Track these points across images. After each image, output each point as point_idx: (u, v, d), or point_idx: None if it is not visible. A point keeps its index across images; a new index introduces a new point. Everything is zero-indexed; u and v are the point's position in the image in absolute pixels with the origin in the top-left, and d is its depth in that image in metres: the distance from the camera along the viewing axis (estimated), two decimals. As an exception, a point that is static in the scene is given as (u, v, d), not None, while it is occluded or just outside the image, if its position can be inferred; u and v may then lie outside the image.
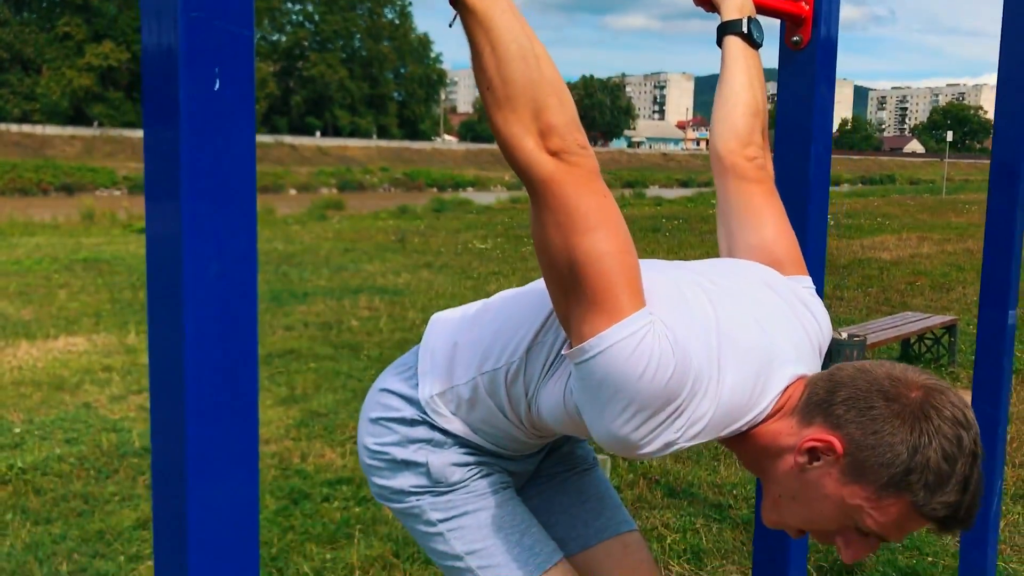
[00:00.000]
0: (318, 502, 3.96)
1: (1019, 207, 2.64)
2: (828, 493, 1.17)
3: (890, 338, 6.30)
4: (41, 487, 4.12)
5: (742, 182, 1.54)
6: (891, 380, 1.17)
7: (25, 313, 8.47)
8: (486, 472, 1.48)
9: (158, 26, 0.92)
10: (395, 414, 1.48)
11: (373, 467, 1.50)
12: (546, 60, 1.10)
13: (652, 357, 1.10)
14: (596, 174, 1.13)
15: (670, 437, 1.16)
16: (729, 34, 1.63)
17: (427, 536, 1.48)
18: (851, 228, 19.75)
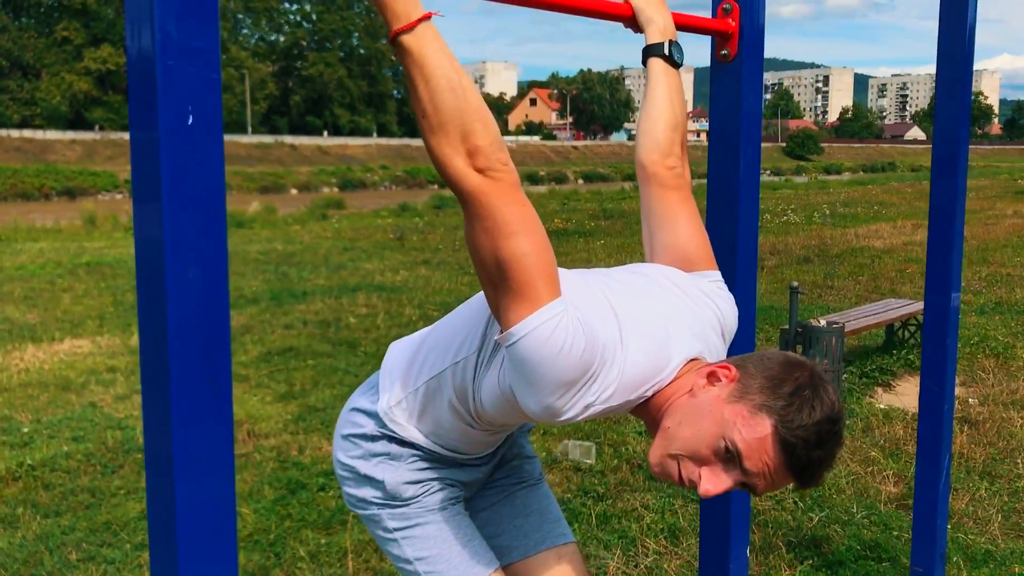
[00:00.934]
0: (314, 491, 4.15)
1: (958, 198, 2.82)
2: (713, 410, 1.39)
3: (871, 324, 6.47)
4: (50, 483, 4.31)
5: (662, 189, 1.74)
6: (785, 358, 1.43)
7: (31, 317, 8.67)
8: (437, 488, 1.70)
9: (140, 72, 1.10)
10: (359, 430, 1.70)
11: (343, 477, 1.74)
12: (472, 90, 1.29)
13: (567, 336, 1.31)
14: (517, 187, 1.33)
15: (587, 401, 1.37)
16: (652, 56, 1.80)
17: (385, 540, 1.72)
18: (846, 217, 19.89)
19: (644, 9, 1.80)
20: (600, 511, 3.90)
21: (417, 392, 1.64)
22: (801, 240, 14.97)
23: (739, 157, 1.93)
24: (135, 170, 1.15)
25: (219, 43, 1.13)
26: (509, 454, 1.87)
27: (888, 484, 4.22)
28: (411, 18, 1.27)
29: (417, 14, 1.27)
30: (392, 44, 1.27)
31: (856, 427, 5.08)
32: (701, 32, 1.93)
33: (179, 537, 1.17)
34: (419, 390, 1.64)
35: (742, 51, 1.91)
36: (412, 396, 1.65)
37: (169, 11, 1.07)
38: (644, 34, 1.80)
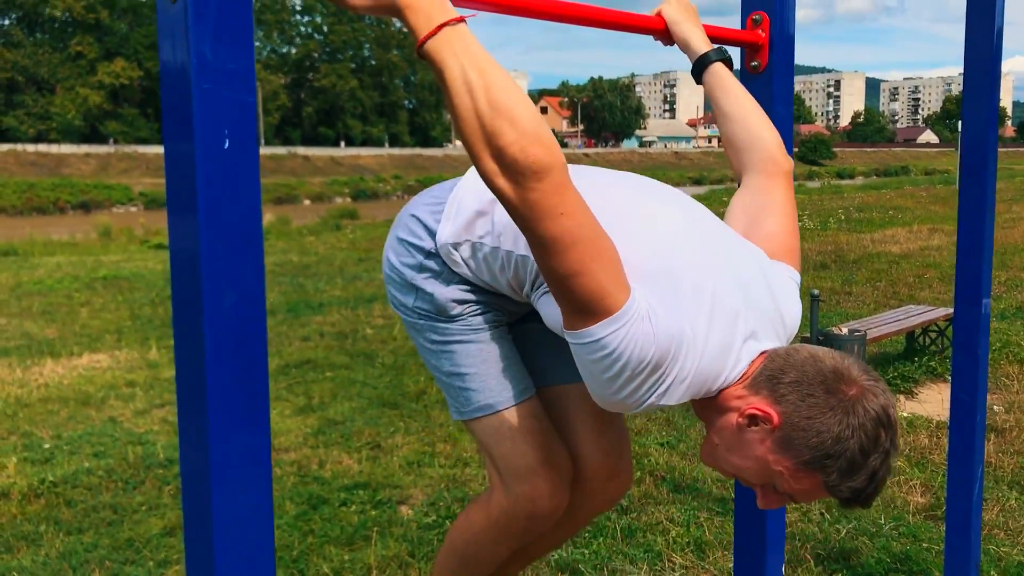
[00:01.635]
0: (336, 506, 4.13)
1: (987, 203, 2.78)
2: (758, 455, 1.35)
3: (892, 332, 6.42)
4: (72, 499, 4.30)
5: (787, 183, 1.75)
6: (835, 374, 1.34)
7: (49, 332, 8.69)
8: (483, 310, 1.68)
9: (176, 95, 1.09)
10: (417, 241, 1.68)
11: (391, 279, 1.73)
12: (497, 87, 1.20)
13: (637, 343, 1.28)
14: (556, 193, 1.21)
15: (654, 399, 1.35)
16: (712, 62, 1.80)
17: (425, 350, 1.72)
18: (861, 222, 19.79)
19: (681, 23, 1.79)
20: (625, 525, 3.87)
21: (479, 247, 1.61)
22: (817, 246, 14.89)
23: (771, 169, 1.90)
24: (171, 194, 1.13)
25: (254, 65, 1.11)
26: None
27: (915, 495, 4.17)
28: (433, 25, 1.22)
29: (440, 18, 1.22)
30: (419, 57, 1.24)
31: (880, 436, 5.02)
32: (732, 44, 1.92)
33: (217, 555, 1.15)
34: (483, 247, 1.60)
35: (772, 62, 1.89)
36: (470, 246, 1.62)
37: (204, 34, 1.06)
38: (688, 46, 1.78)
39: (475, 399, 1.68)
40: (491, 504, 1.73)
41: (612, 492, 1.83)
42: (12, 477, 4.55)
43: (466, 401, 1.70)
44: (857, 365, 1.37)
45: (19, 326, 9.00)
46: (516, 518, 1.70)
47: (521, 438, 1.66)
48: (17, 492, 4.35)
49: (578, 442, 1.76)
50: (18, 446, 5.10)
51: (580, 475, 1.76)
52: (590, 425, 1.77)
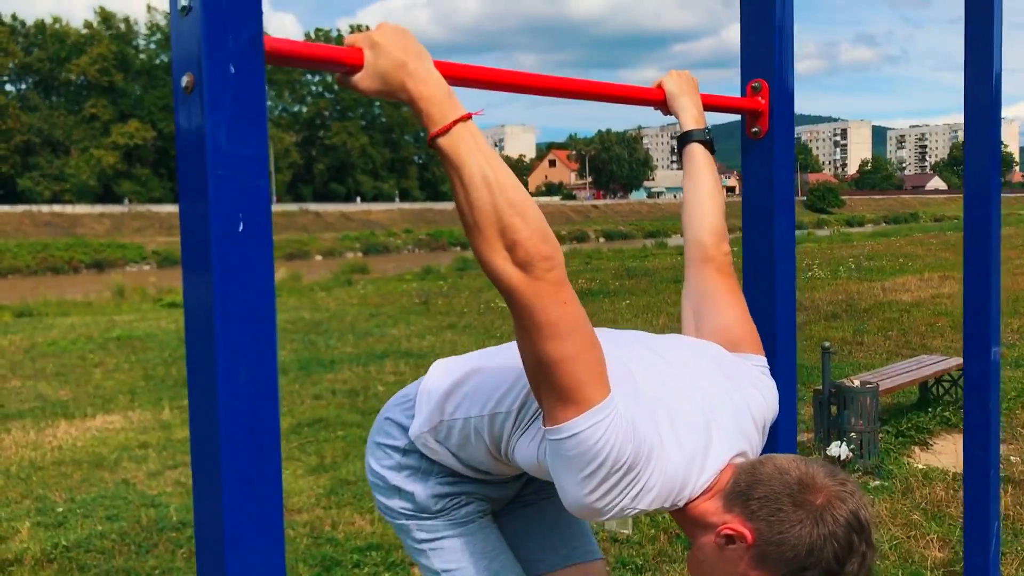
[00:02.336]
0: (349, 568, 4.11)
1: (993, 253, 2.81)
2: (739, 571, 1.38)
3: (904, 383, 6.39)
4: (85, 564, 4.30)
5: (718, 273, 1.77)
6: (800, 484, 1.37)
7: (63, 393, 8.73)
8: (465, 502, 1.72)
9: (193, 181, 1.12)
10: (392, 442, 1.73)
11: (376, 484, 1.77)
12: (511, 186, 1.27)
13: (615, 440, 1.31)
14: (560, 284, 1.28)
15: (625, 504, 1.36)
16: (692, 142, 1.85)
17: (414, 550, 1.75)
18: (872, 271, 19.79)
19: (679, 97, 1.85)
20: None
21: (452, 425, 1.65)
22: (828, 295, 14.89)
23: (774, 230, 1.94)
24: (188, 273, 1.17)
25: (267, 150, 1.15)
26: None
27: (933, 549, 4.13)
28: (447, 120, 1.27)
29: (454, 115, 1.27)
30: (431, 147, 1.28)
31: (896, 489, 4.99)
32: (732, 111, 1.96)
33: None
34: (454, 424, 1.64)
35: (772, 127, 1.93)
36: (445, 426, 1.66)
37: (220, 123, 1.10)
38: (679, 119, 1.83)
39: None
40: None
41: None
42: (25, 542, 4.55)
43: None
44: (823, 470, 1.39)
45: (33, 388, 9.05)
46: None
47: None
48: (30, 557, 4.35)
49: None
50: (31, 510, 5.11)
51: None
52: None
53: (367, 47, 1.28)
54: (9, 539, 4.62)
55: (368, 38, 1.28)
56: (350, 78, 1.30)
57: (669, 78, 1.87)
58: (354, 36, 1.30)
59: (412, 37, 1.30)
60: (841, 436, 5.57)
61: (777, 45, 1.91)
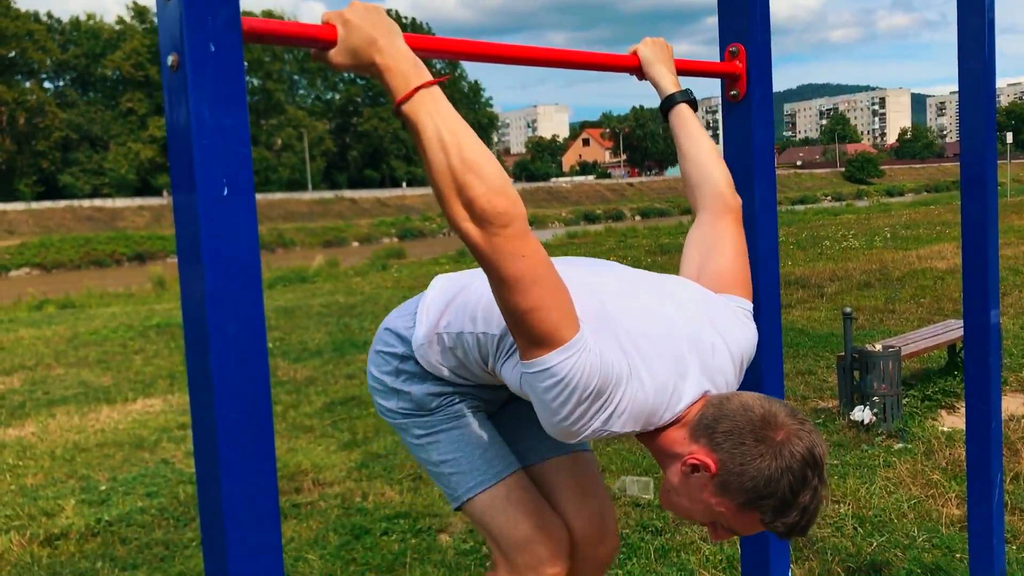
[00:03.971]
0: (378, 536, 4.25)
1: (989, 214, 2.85)
2: (702, 498, 1.50)
3: (929, 347, 6.40)
4: (126, 537, 4.48)
5: (735, 223, 1.86)
6: (763, 421, 1.48)
7: (105, 379, 8.98)
8: (458, 400, 1.84)
9: (179, 148, 1.23)
10: (391, 349, 1.86)
11: (374, 388, 1.90)
12: (467, 145, 1.36)
13: (584, 372, 1.42)
14: (519, 238, 1.37)
15: (597, 427, 1.48)
16: (679, 103, 1.94)
17: (413, 446, 1.88)
18: (908, 239, 19.59)
19: (654, 64, 1.93)
20: (659, 545, 3.93)
21: (446, 336, 1.76)
22: (861, 265, 14.79)
23: (754, 190, 2.01)
24: (179, 235, 1.28)
25: (248, 121, 1.26)
26: None
27: (951, 506, 4.18)
28: (409, 87, 1.36)
29: (416, 82, 1.36)
30: (397, 116, 1.38)
31: (917, 450, 5.03)
32: (711, 75, 2.03)
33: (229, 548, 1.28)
34: (448, 335, 1.76)
35: (750, 90, 2.00)
36: (441, 337, 1.77)
37: (202, 96, 1.20)
38: (658, 85, 1.91)
39: (464, 481, 1.82)
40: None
41: (602, 557, 1.95)
42: (71, 518, 4.74)
43: (457, 485, 1.83)
44: (785, 409, 1.50)
45: (76, 375, 9.31)
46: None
47: (513, 509, 1.80)
48: (75, 532, 4.54)
49: (566, 511, 1.89)
50: (76, 489, 5.31)
51: (572, 541, 1.88)
52: (573, 495, 1.91)
53: (339, 24, 1.38)
54: (56, 515, 4.82)
55: (340, 16, 1.38)
56: (324, 53, 1.40)
57: (644, 46, 1.94)
58: (328, 14, 1.40)
59: (383, 14, 1.39)
60: (864, 400, 5.61)
61: (753, 9, 1.98)
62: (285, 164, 73.53)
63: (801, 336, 8.65)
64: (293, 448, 5.91)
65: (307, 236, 51.47)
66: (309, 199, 63.13)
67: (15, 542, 4.45)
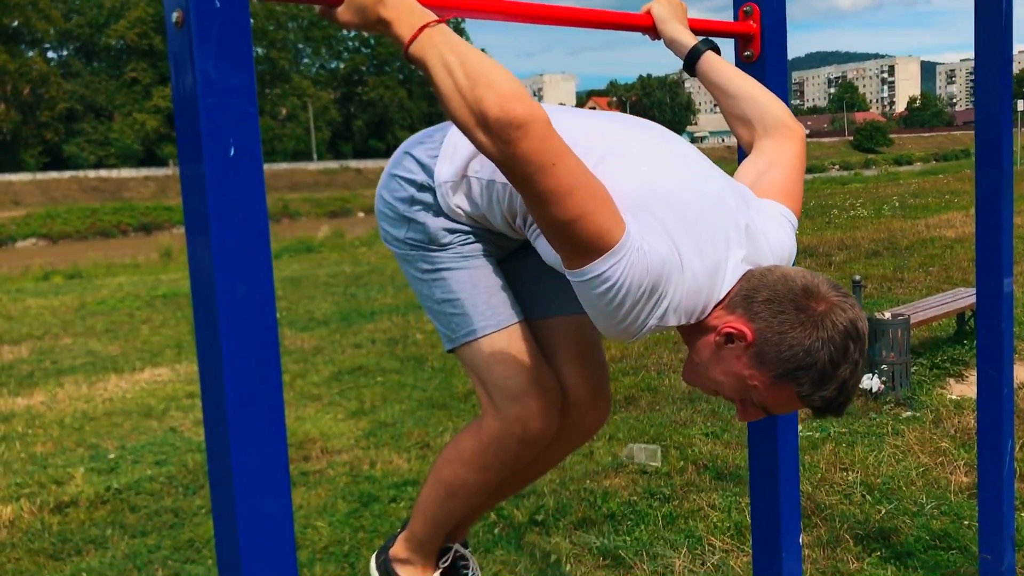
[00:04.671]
0: (386, 503, 4.26)
1: (1005, 181, 2.81)
2: (735, 370, 1.44)
3: (938, 315, 6.37)
4: (136, 504, 4.50)
5: (800, 145, 1.80)
6: (805, 291, 1.42)
7: (113, 349, 9.01)
8: (472, 240, 1.75)
9: (185, 109, 1.21)
10: (410, 175, 1.75)
11: (384, 214, 1.80)
12: (471, 60, 1.31)
13: (634, 274, 1.37)
14: (544, 141, 1.30)
15: (654, 323, 1.43)
16: (705, 51, 1.89)
17: (416, 280, 1.79)
18: (916, 208, 19.49)
19: (669, 21, 1.88)
20: (666, 512, 3.94)
21: (474, 181, 1.67)
22: (870, 234, 14.73)
23: (767, 154, 1.97)
24: (186, 203, 1.26)
25: (255, 80, 1.23)
26: None
27: (959, 474, 4.17)
28: (413, 30, 1.33)
29: (419, 23, 1.33)
30: (408, 62, 1.35)
31: (926, 419, 5.02)
32: (724, 36, 1.99)
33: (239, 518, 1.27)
34: (478, 181, 1.67)
35: (764, 51, 1.96)
36: (468, 181, 1.68)
37: (208, 55, 1.18)
38: (676, 41, 1.87)
39: (465, 324, 1.74)
40: (482, 430, 1.78)
41: (592, 421, 1.89)
42: (80, 486, 4.77)
43: (457, 327, 1.75)
44: (827, 283, 1.44)
45: (84, 345, 9.34)
46: (507, 441, 1.75)
47: (511, 360, 1.73)
48: (85, 499, 4.57)
49: (562, 372, 1.82)
50: (85, 457, 5.33)
51: (564, 403, 1.81)
52: (573, 356, 1.83)
53: None
54: (65, 483, 4.84)
55: None
56: (331, 11, 1.37)
57: (658, 4, 1.89)
58: None
59: None
60: (873, 368, 5.59)
61: (767, -32, 1.94)
62: (290, 134, 73.33)
63: (809, 305, 8.62)
64: (301, 417, 5.93)
65: (313, 206, 51.43)
66: (314, 169, 63.03)
67: (26, 510, 4.48)
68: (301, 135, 73.89)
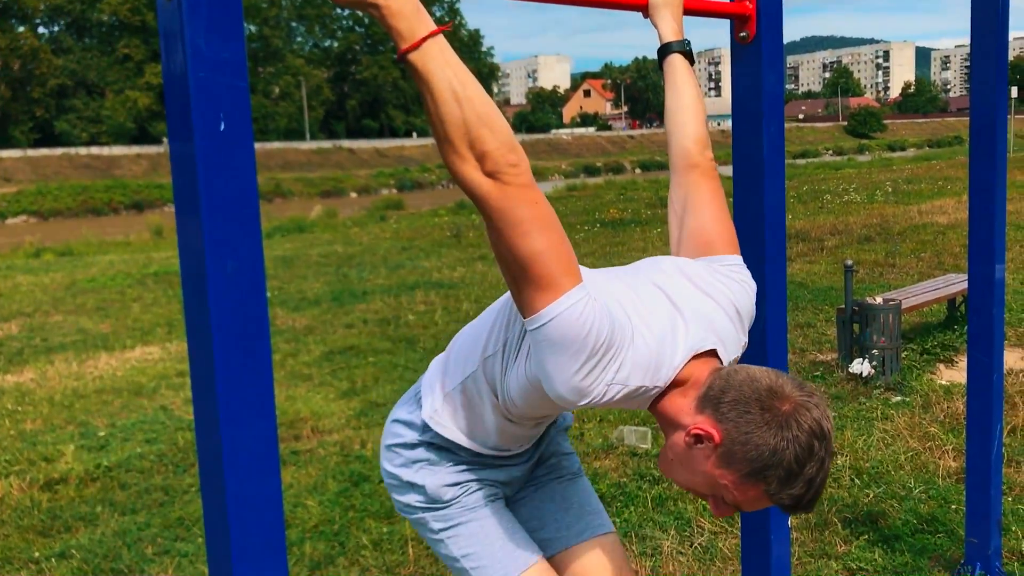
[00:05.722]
0: (376, 483, 4.26)
1: (998, 168, 2.81)
2: (705, 469, 1.46)
3: (930, 301, 6.39)
4: (126, 482, 4.50)
5: (702, 176, 1.81)
6: (769, 392, 1.45)
7: (103, 327, 8.98)
8: (476, 488, 1.80)
9: (175, 85, 1.20)
10: (400, 440, 1.81)
11: (391, 485, 1.86)
12: (478, 99, 1.34)
13: (592, 318, 1.39)
14: (528, 186, 1.38)
15: (608, 381, 1.44)
16: (673, 53, 1.88)
17: (433, 541, 1.83)
18: (909, 194, 19.51)
19: (661, 8, 1.87)
20: (656, 494, 3.95)
21: (455, 393, 1.73)
22: (862, 219, 14.75)
23: (763, 137, 1.97)
24: (176, 181, 1.24)
25: (245, 54, 1.22)
26: (547, 452, 1.95)
27: (947, 459, 4.19)
28: (416, 37, 1.31)
29: (423, 31, 1.32)
30: (401, 62, 1.34)
31: (915, 404, 5.04)
32: (720, 16, 1.98)
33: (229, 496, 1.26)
34: (456, 390, 1.73)
35: (760, 32, 1.95)
36: (451, 397, 1.74)
37: (198, 28, 1.16)
38: (659, 29, 1.86)
39: (488, 575, 1.77)
40: None
41: None
42: (70, 463, 4.76)
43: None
44: (791, 382, 1.47)
45: (75, 322, 9.31)
46: None
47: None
48: (75, 477, 4.56)
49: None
50: (75, 435, 5.32)
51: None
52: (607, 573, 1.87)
53: None
54: (55, 461, 4.83)
55: None
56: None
57: None
58: None
59: None
60: (863, 353, 5.61)
61: (764, -52, 1.92)
62: (283, 113, 72.90)
63: (801, 289, 8.64)
64: (292, 396, 5.92)
65: (305, 186, 51.21)
66: (307, 149, 62.71)
67: (15, 486, 4.47)
68: (294, 114, 73.50)
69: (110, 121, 66.33)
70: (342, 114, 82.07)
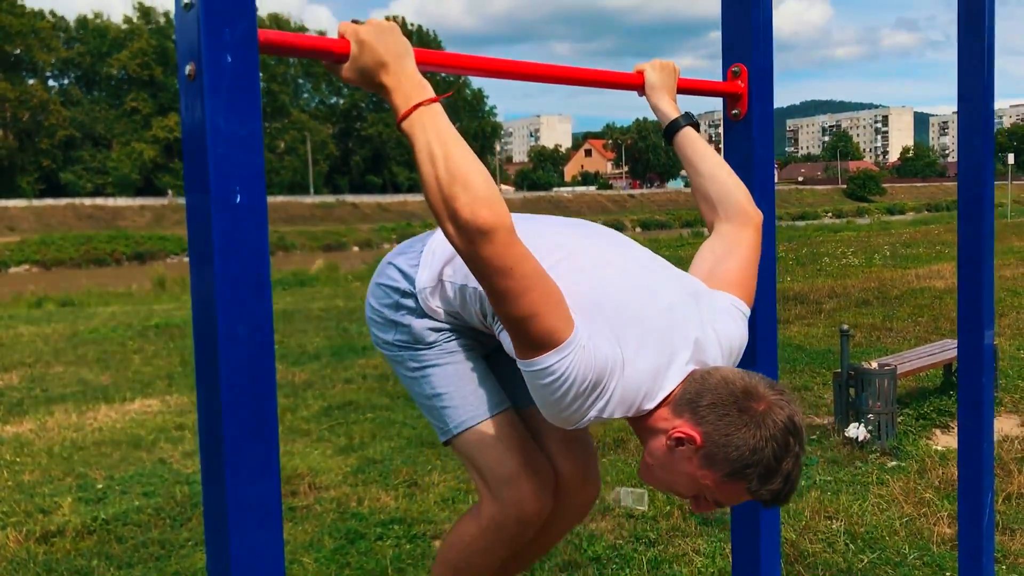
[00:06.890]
0: (372, 541, 4.27)
1: (985, 236, 2.88)
2: (686, 471, 1.53)
3: (926, 366, 6.43)
4: (122, 535, 4.50)
5: (756, 233, 1.90)
6: (744, 393, 1.52)
7: (104, 378, 9.01)
8: (455, 337, 1.88)
9: (194, 150, 1.27)
10: (394, 283, 1.89)
11: (373, 320, 1.95)
12: (456, 157, 1.39)
13: (579, 369, 1.48)
14: (504, 246, 1.40)
15: (594, 414, 1.53)
16: (684, 126, 2.00)
17: (407, 379, 1.92)
18: (907, 258, 19.64)
19: (657, 90, 1.99)
20: (651, 556, 3.96)
21: (448, 285, 1.81)
22: (860, 283, 14.82)
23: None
24: (191, 234, 1.31)
25: (261, 130, 1.29)
26: None
27: (943, 525, 4.20)
28: (408, 105, 1.41)
29: (416, 99, 1.41)
30: (400, 132, 1.43)
31: (911, 469, 5.05)
32: (713, 95, 2.07)
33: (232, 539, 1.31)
34: (451, 284, 1.80)
35: (751, 110, 2.04)
36: (444, 285, 1.82)
37: (218, 106, 1.24)
38: (660, 110, 1.97)
39: (455, 416, 1.86)
40: (481, 515, 1.90)
41: (584, 499, 2.01)
42: (67, 515, 4.77)
43: (448, 419, 1.88)
44: (764, 382, 1.54)
45: (75, 373, 9.34)
46: (505, 524, 1.86)
47: (502, 446, 1.85)
48: (71, 529, 4.57)
49: (552, 455, 1.94)
50: (73, 487, 5.33)
51: (556, 485, 1.92)
52: (560, 440, 1.95)
53: (354, 42, 1.42)
54: (52, 512, 4.84)
55: (356, 34, 1.42)
56: (336, 66, 1.44)
57: (652, 69, 1.99)
58: (345, 26, 1.44)
59: (397, 34, 1.42)
60: (859, 418, 5.64)
61: (755, 30, 2.02)
62: (288, 167, 73.63)
63: (798, 352, 8.69)
64: (290, 451, 5.94)
65: (308, 240, 51.55)
66: (311, 203, 63.24)
67: (11, 538, 4.47)
68: (299, 168, 74.23)
69: (116, 172, 66.95)
70: (346, 169, 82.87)
